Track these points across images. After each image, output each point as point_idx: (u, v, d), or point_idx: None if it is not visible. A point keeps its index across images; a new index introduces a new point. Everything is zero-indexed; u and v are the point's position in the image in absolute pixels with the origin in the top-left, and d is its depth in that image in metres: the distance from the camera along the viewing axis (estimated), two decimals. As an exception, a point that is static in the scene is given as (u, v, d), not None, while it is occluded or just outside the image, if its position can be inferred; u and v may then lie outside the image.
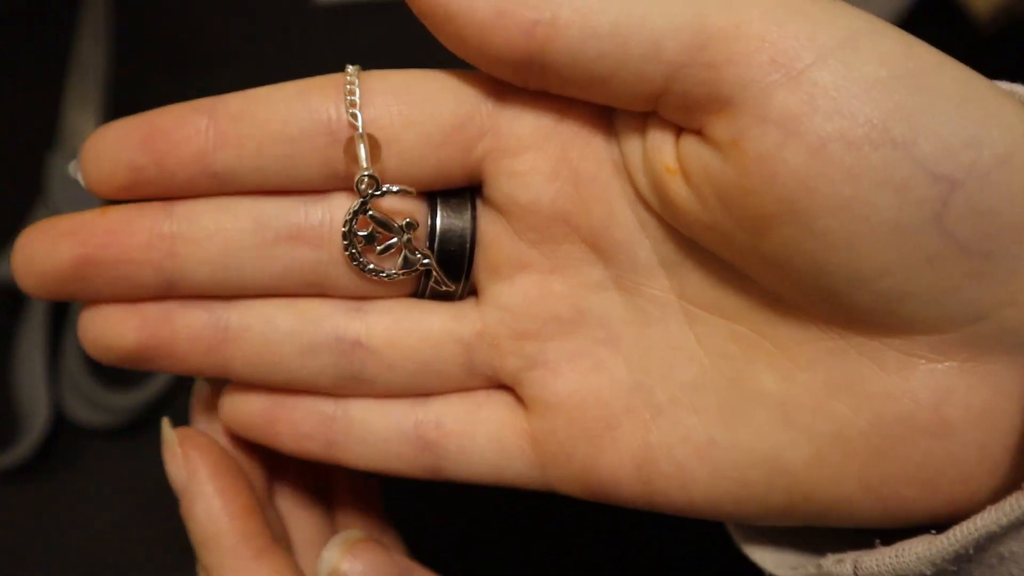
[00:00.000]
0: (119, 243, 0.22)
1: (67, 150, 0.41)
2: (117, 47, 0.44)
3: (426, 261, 0.23)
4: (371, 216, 0.22)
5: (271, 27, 0.45)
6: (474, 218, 0.23)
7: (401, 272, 0.23)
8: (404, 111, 0.21)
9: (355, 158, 0.21)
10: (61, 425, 0.39)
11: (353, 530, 0.26)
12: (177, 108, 0.22)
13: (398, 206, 0.22)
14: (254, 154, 0.21)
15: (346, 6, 0.45)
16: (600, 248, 0.22)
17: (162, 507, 0.38)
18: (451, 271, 0.23)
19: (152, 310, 0.22)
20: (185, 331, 0.22)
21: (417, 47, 0.26)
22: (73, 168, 0.23)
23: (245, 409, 0.24)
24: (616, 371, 0.22)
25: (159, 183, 0.22)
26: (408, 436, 0.23)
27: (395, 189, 0.22)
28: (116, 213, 0.22)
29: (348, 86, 0.21)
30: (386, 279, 0.22)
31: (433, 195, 0.23)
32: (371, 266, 0.22)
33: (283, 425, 0.23)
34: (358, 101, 0.21)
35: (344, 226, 0.22)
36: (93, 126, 0.42)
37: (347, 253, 0.22)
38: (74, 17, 0.44)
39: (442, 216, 0.23)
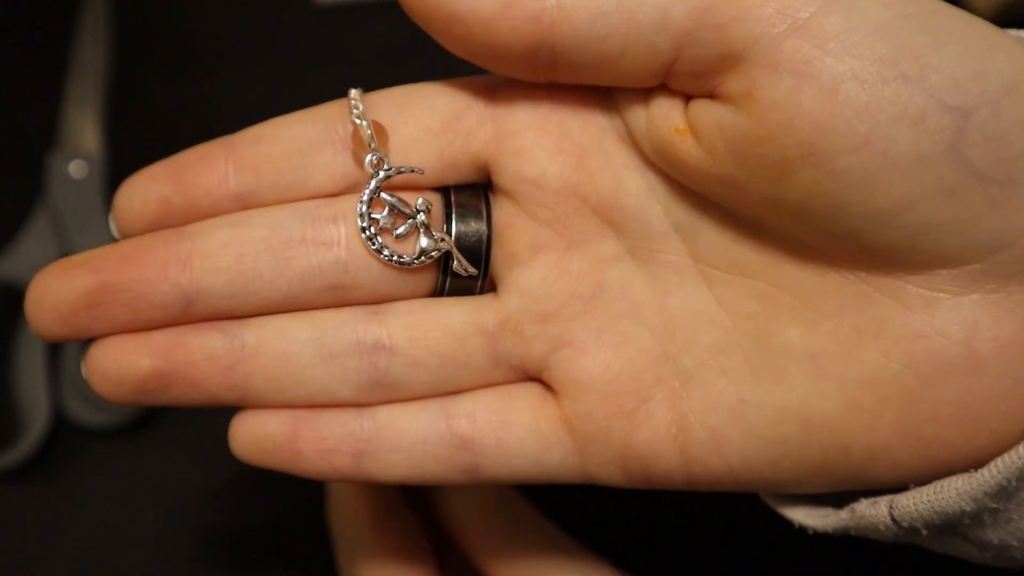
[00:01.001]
0: (134, 266, 0.21)
1: (67, 150, 0.41)
2: (117, 47, 0.44)
3: (444, 241, 0.22)
4: (384, 197, 0.22)
5: (271, 27, 0.45)
6: (489, 212, 0.23)
7: (420, 257, 0.22)
8: (403, 109, 0.22)
9: (362, 144, 0.22)
10: (61, 425, 0.39)
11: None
12: (198, 147, 0.23)
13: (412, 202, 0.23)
14: (271, 170, 0.22)
15: (346, 6, 0.44)
16: (612, 219, 0.22)
17: (162, 507, 0.38)
18: (465, 280, 0.23)
19: (165, 336, 0.22)
20: (201, 353, 0.22)
21: (417, 47, 0.26)
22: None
23: (262, 430, 0.23)
24: (642, 342, 0.22)
25: (186, 211, 0.22)
26: (443, 435, 0.22)
27: (403, 169, 0.22)
28: (129, 241, 0.22)
29: (352, 100, 0.22)
30: (405, 265, 0.22)
31: (447, 196, 0.23)
32: (387, 251, 0.22)
33: (306, 441, 0.22)
34: (360, 105, 0.22)
35: (359, 208, 0.22)
36: (93, 126, 0.42)
37: (365, 237, 0.22)
38: (74, 17, 0.44)
39: (457, 215, 0.23)
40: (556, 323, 0.22)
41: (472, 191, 0.23)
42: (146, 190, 0.22)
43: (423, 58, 0.30)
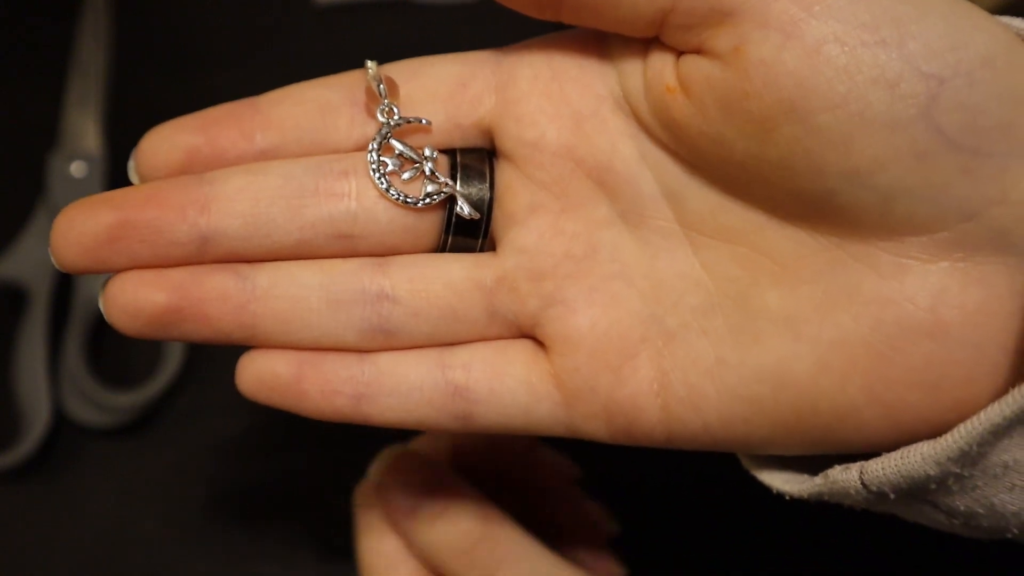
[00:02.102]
0: (155, 205, 0.22)
1: (67, 150, 0.41)
2: (117, 47, 0.44)
3: (448, 186, 0.23)
4: (394, 143, 0.23)
5: (271, 27, 0.45)
6: (492, 174, 0.24)
7: (426, 198, 0.23)
8: (414, 76, 0.24)
9: (375, 97, 0.23)
10: (61, 425, 0.39)
11: (398, 445, 0.29)
12: (225, 104, 0.24)
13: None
14: (293, 128, 0.24)
15: (346, 6, 0.45)
16: (605, 183, 0.23)
17: (162, 507, 0.38)
18: (472, 226, 0.24)
19: (181, 273, 0.23)
20: (214, 292, 0.23)
21: (417, 47, 0.26)
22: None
23: (269, 368, 0.23)
24: (630, 303, 0.23)
25: (211, 162, 0.23)
26: (439, 383, 0.23)
27: (412, 119, 0.23)
28: (151, 184, 0.23)
29: (369, 70, 0.24)
30: (411, 204, 0.23)
31: (453, 157, 0.24)
32: (394, 190, 0.23)
33: (310, 382, 0.23)
34: (375, 67, 0.24)
35: (370, 152, 0.23)
36: (93, 126, 0.42)
37: (374, 177, 0.23)
38: (74, 17, 0.44)
39: (461, 176, 0.24)
40: (550, 281, 0.23)
41: (477, 154, 0.24)
42: (174, 138, 0.23)
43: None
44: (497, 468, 0.30)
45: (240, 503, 0.38)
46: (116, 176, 0.42)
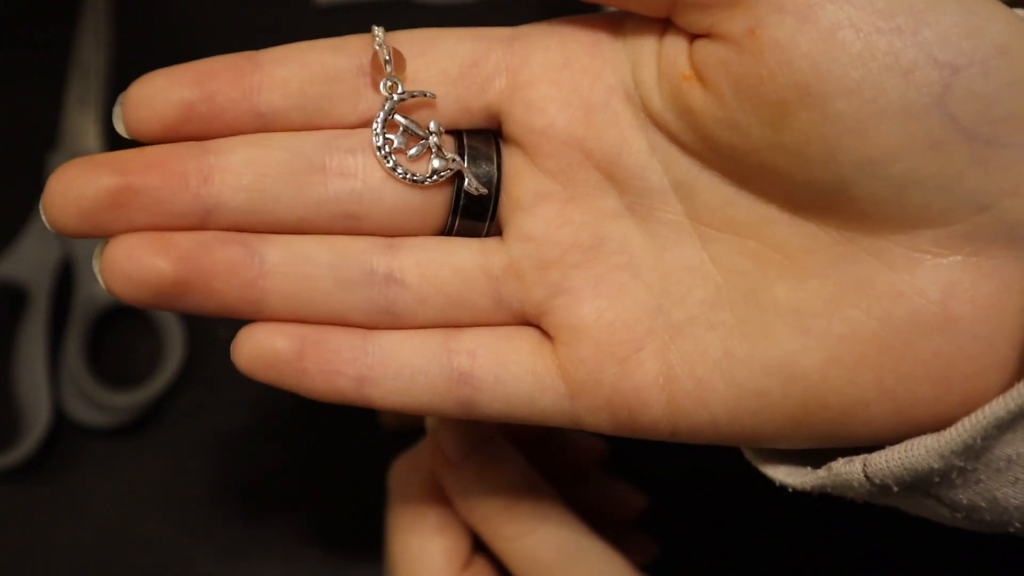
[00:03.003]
0: (158, 172, 0.21)
1: (67, 150, 0.41)
2: (117, 47, 0.44)
3: (455, 162, 0.23)
4: (398, 119, 0.23)
5: (271, 27, 0.45)
6: (499, 157, 0.24)
7: (433, 176, 0.23)
8: (424, 51, 0.23)
9: (380, 68, 0.23)
10: (61, 425, 0.39)
11: None
12: (222, 57, 0.23)
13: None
14: (297, 93, 0.22)
15: (346, 6, 0.44)
16: (613, 175, 0.23)
17: (162, 507, 0.38)
18: (478, 210, 0.24)
19: (188, 240, 0.22)
20: (223, 264, 0.22)
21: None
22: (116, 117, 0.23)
23: (269, 345, 0.22)
24: (637, 295, 0.23)
25: (207, 121, 0.22)
26: (443, 368, 0.23)
27: (416, 93, 0.23)
28: (154, 149, 0.22)
29: (376, 37, 0.23)
30: (418, 183, 0.23)
31: (460, 139, 0.24)
32: (401, 169, 0.23)
33: (312, 360, 0.22)
34: (382, 35, 0.23)
35: (374, 130, 0.23)
36: (93, 126, 0.42)
37: (380, 155, 0.23)
38: (74, 17, 0.44)
39: (469, 158, 0.23)
40: (556, 270, 0.23)
41: (483, 136, 0.24)
42: (169, 91, 0.22)
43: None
44: (524, 448, 0.30)
45: (240, 503, 0.38)
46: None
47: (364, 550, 0.38)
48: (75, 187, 0.21)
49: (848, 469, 0.22)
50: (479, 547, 0.29)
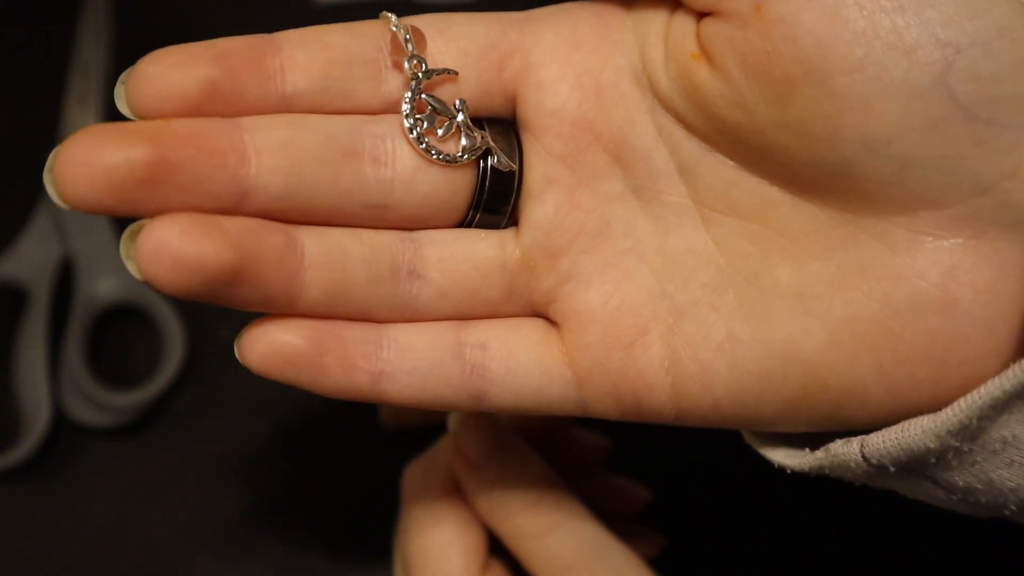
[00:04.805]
0: (195, 147, 0.20)
1: (67, 150, 0.41)
2: (117, 47, 0.44)
3: (483, 139, 0.23)
4: (425, 97, 0.23)
5: (271, 27, 0.45)
6: (520, 150, 0.24)
7: (464, 155, 0.23)
8: (442, 33, 0.23)
9: (400, 49, 0.22)
10: (61, 425, 0.39)
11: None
12: (237, 37, 0.22)
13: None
14: (320, 75, 0.22)
15: (346, 6, 0.45)
16: (621, 157, 0.23)
17: (162, 507, 0.38)
18: (498, 202, 0.24)
19: (237, 227, 0.20)
20: (272, 253, 0.21)
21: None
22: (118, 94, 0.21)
23: (286, 341, 0.21)
24: (642, 279, 0.23)
25: (231, 101, 0.21)
26: (456, 361, 0.23)
27: (442, 70, 0.23)
28: (185, 121, 0.20)
29: (391, 19, 0.23)
30: (451, 162, 0.23)
31: (481, 128, 0.24)
32: (434, 151, 0.23)
33: (332, 356, 0.22)
34: (396, 19, 0.23)
35: (404, 107, 0.22)
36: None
37: (411, 137, 0.22)
38: (74, 17, 0.44)
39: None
40: (566, 257, 0.24)
41: (503, 128, 0.24)
42: (190, 67, 0.21)
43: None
44: (528, 445, 0.30)
45: (240, 503, 0.38)
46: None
47: (364, 550, 0.38)
48: (106, 156, 0.19)
49: (846, 450, 0.22)
50: (494, 551, 0.29)
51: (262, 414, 0.39)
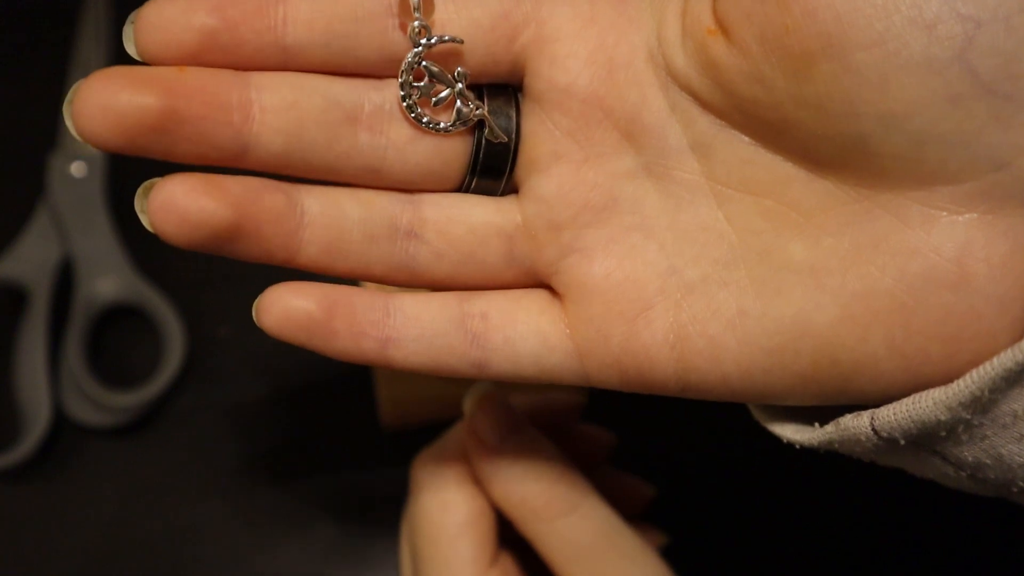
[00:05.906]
0: (203, 101, 0.21)
1: (67, 150, 0.41)
2: (117, 47, 0.44)
3: (479, 110, 0.23)
4: (425, 66, 0.23)
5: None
6: (518, 117, 0.24)
7: (455, 123, 0.23)
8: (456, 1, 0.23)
9: (408, 11, 0.22)
10: (61, 425, 0.39)
11: (484, 383, 0.29)
12: None
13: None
14: (323, 30, 0.22)
15: (346, 6, 0.45)
16: (632, 134, 0.23)
17: (162, 507, 0.38)
18: (493, 172, 0.24)
19: (239, 187, 0.22)
20: (271, 212, 0.22)
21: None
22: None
23: (299, 305, 0.23)
24: (649, 255, 0.23)
25: (229, 50, 0.22)
26: (459, 330, 0.24)
27: (446, 38, 0.23)
28: (195, 72, 0.21)
29: None
30: (441, 131, 0.23)
31: (480, 95, 0.24)
32: (426, 119, 0.23)
33: (341, 320, 0.23)
34: None
35: (400, 76, 0.23)
36: (93, 126, 0.42)
37: (404, 105, 0.23)
38: (74, 17, 0.44)
39: (490, 111, 0.24)
40: (568, 231, 0.24)
41: (504, 96, 0.24)
42: (188, 16, 0.21)
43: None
44: None
45: (240, 503, 0.38)
46: (115, 176, 0.42)
47: (365, 550, 0.38)
48: (122, 99, 0.20)
49: (856, 424, 0.22)
50: (504, 543, 0.29)
51: (262, 414, 0.39)
